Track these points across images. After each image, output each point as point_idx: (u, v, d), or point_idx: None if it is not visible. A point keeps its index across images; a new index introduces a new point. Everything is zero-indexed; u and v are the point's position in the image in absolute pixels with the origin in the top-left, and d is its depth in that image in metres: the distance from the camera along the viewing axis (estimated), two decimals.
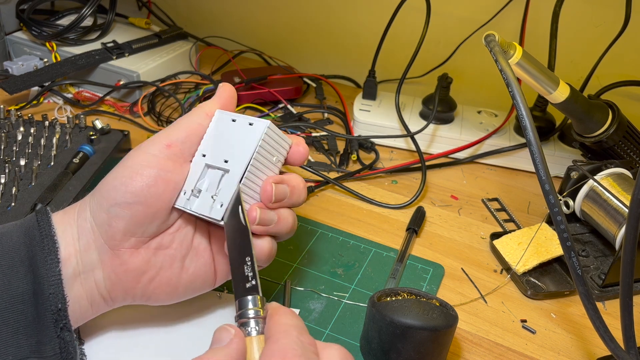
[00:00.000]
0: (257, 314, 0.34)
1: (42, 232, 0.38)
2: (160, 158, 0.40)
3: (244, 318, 0.34)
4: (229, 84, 0.45)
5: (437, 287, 0.55)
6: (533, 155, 0.40)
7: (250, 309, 0.34)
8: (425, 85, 0.87)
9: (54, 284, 0.37)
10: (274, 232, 0.42)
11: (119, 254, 0.40)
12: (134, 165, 0.40)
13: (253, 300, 0.35)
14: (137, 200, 0.39)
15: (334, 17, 0.96)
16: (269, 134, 0.42)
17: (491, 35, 0.48)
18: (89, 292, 0.40)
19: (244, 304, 0.35)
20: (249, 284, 0.35)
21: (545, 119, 0.74)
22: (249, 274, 0.36)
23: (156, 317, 0.47)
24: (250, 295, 0.35)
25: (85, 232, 0.40)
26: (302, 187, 0.44)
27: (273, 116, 0.81)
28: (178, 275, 0.42)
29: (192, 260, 0.43)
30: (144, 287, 0.41)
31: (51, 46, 0.82)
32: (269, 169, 0.43)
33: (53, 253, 0.38)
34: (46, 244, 0.38)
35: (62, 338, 0.37)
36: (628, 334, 0.39)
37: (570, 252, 0.40)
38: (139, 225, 0.40)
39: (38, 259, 0.37)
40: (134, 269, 0.40)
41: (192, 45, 0.92)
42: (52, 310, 0.37)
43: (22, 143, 0.65)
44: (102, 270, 0.40)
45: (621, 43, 0.68)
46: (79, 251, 0.39)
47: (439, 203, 0.67)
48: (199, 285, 0.44)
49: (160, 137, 0.41)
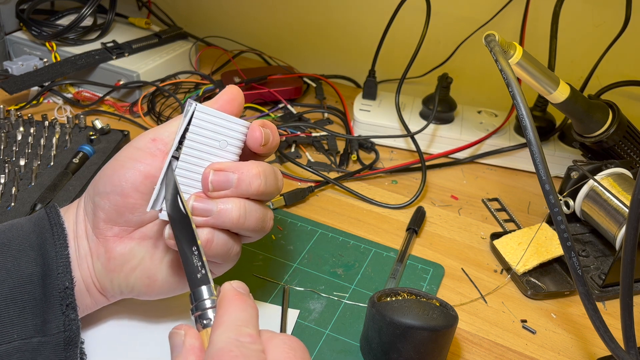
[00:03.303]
0: (214, 302, 0.33)
1: (51, 221, 0.41)
2: (143, 151, 0.41)
3: (199, 310, 0.33)
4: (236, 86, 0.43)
5: (437, 287, 0.54)
6: (533, 155, 0.40)
7: (206, 299, 0.33)
8: (425, 85, 0.87)
9: (62, 265, 0.39)
10: (215, 223, 0.39)
11: (104, 242, 0.41)
12: (120, 157, 0.41)
13: (208, 289, 0.34)
14: (114, 190, 0.40)
15: (334, 17, 0.96)
16: (200, 117, 0.39)
17: (491, 35, 0.47)
18: (85, 279, 0.42)
19: (199, 295, 0.34)
20: (199, 274, 0.34)
21: (545, 119, 0.74)
22: (198, 264, 0.35)
23: (153, 317, 0.47)
24: (203, 285, 0.34)
25: (80, 220, 0.42)
26: (255, 175, 0.39)
27: (273, 116, 0.81)
28: (158, 266, 0.42)
29: (172, 252, 0.42)
30: (126, 276, 0.42)
31: (51, 46, 0.82)
32: (214, 156, 0.40)
33: (62, 238, 0.40)
34: (55, 231, 0.40)
35: (67, 315, 0.39)
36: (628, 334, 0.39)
37: (570, 252, 0.40)
38: (119, 215, 0.41)
39: (48, 244, 0.40)
40: (117, 257, 0.41)
41: (192, 45, 0.92)
42: (59, 289, 0.39)
43: (22, 143, 0.65)
44: (91, 258, 0.42)
45: (621, 43, 0.68)
46: (75, 238, 0.42)
47: (439, 203, 0.67)
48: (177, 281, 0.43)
49: (148, 132, 0.42)
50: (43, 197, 0.56)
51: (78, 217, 0.42)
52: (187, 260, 0.35)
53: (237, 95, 0.42)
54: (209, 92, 0.84)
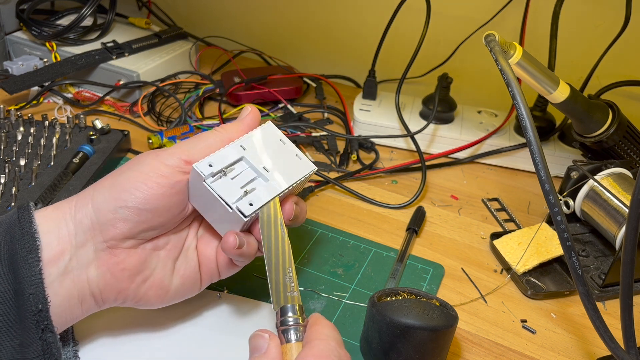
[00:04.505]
0: (297, 321, 0.37)
1: (22, 230, 0.37)
2: (176, 171, 0.40)
3: (284, 325, 0.36)
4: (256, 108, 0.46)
5: (437, 287, 0.54)
6: (533, 155, 0.40)
7: (291, 316, 0.37)
8: (425, 85, 0.87)
9: (35, 284, 0.36)
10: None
11: (115, 253, 0.40)
12: (150, 172, 0.40)
13: (293, 308, 0.37)
14: (148, 208, 0.39)
15: (334, 17, 0.96)
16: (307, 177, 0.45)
17: (491, 35, 0.47)
18: (81, 290, 0.39)
19: (285, 312, 0.37)
20: (290, 292, 0.38)
21: (545, 119, 0.74)
22: (291, 284, 0.38)
23: (155, 317, 0.47)
24: (291, 303, 0.37)
25: (83, 228, 0.39)
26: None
27: (273, 116, 0.81)
28: (170, 277, 0.43)
29: (182, 262, 0.44)
30: (137, 287, 0.41)
31: (51, 46, 0.82)
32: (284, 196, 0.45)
33: (34, 251, 0.37)
34: (26, 242, 0.37)
35: (44, 340, 0.36)
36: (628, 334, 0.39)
37: (570, 252, 0.40)
38: (142, 231, 0.40)
39: (18, 258, 0.36)
40: (130, 268, 0.40)
41: (192, 45, 0.92)
42: (32, 312, 0.36)
43: (22, 143, 0.65)
44: (96, 268, 0.39)
45: (621, 43, 0.68)
46: (74, 247, 0.39)
47: (439, 203, 0.67)
48: (188, 288, 0.44)
49: (179, 151, 0.41)
50: (43, 197, 0.56)
51: (80, 224, 0.39)
52: (277, 277, 0.39)
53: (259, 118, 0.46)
54: (209, 92, 0.84)
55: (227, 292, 0.50)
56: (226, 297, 0.49)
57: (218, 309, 0.48)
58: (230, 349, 0.45)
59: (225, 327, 0.47)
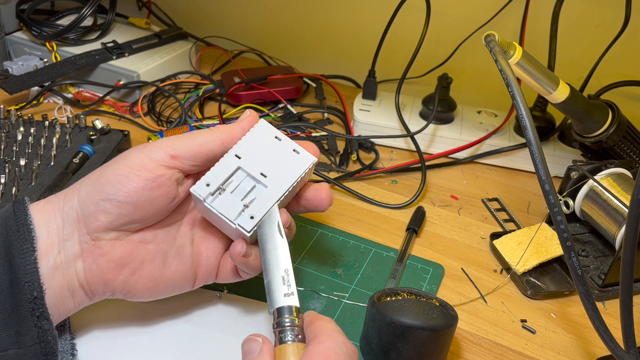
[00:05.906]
0: (293, 322, 0.36)
1: (18, 222, 0.38)
2: (160, 165, 0.40)
3: (281, 326, 0.36)
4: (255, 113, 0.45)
5: (437, 287, 0.55)
6: (533, 155, 0.40)
7: (287, 317, 0.36)
8: (425, 85, 0.87)
9: (30, 272, 0.37)
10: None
11: (99, 245, 0.40)
12: (134, 165, 0.40)
13: (289, 309, 0.37)
14: (130, 201, 0.39)
15: (334, 17, 0.96)
16: (310, 169, 0.44)
17: (491, 35, 0.48)
18: (70, 283, 0.39)
19: (282, 313, 0.37)
20: (287, 294, 0.37)
21: (545, 119, 0.74)
22: (287, 285, 0.38)
23: (154, 315, 0.47)
24: (287, 304, 0.37)
25: (70, 220, 0.40)
26: None
27: (273, 116, 0.81)
28: (160, 271, 0.42)
29: (175, 258, 0.43)
30: (125, 279, 0.41)
31: (51, 46, 0.82)
32: (290, 195, 0.44)
33: (29, 242, 0.37)
34: (22, 233, 0.38)
35: (40, 327, 0.37)
36: (628, 334, 0.39)
37: (570, 252, 0.40)
38: (124, 223, 0.40)
39: (14, 248, 0.37)
40: (115, 259, 0.40)
41: (192, 45, 0.92)
42: (27, 299, 0.36)
43: (22, 143, 0.65)
44: (82, 260, 0.40)
45: (621, 43, 0.68)
46: (62, 240, 0.39)
47: (439, 203, 0.67)
48: (179, 285, 0.44)
49: (166, 145, 0.41)
50: (43, 197, 0.56)
51: (67, 216, 0.40)
52: (274, 279, 0.38)
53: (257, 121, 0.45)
54: (209, 92, 0.84)
55: (227, 292, 0.50)
56: (226, 297, 0.49)
57: (218, 308, 0.48)
58: (230, 348, 0.45)
59: (225, 327, 0.47)
